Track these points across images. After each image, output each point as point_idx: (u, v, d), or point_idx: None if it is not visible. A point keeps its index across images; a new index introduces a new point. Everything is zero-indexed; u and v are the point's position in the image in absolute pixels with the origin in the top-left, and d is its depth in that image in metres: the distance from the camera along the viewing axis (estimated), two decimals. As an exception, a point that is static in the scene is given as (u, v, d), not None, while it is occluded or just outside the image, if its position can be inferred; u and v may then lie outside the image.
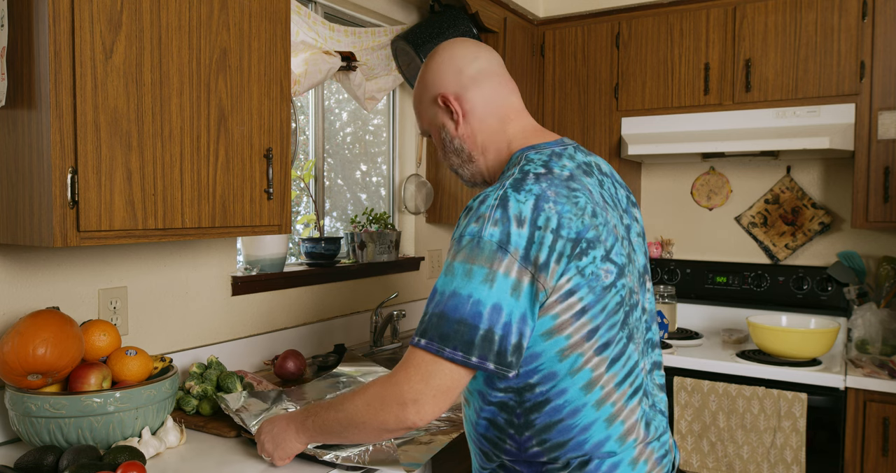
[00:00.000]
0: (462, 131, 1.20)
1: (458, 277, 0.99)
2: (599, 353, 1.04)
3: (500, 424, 1.10)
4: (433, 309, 1.01)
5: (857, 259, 2.59)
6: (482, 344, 0.97)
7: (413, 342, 1.02)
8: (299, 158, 2.33)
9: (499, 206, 1.01)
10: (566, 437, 1.05)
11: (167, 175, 1.33)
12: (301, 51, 2.04)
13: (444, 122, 1.21)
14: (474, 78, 1.19)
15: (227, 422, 1.51)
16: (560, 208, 1.01)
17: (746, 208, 2.92)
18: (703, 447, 2.33)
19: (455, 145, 1.22)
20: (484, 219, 1.01)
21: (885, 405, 2.13)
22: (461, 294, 0.98)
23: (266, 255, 2.08)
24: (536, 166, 1.08)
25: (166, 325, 1.77)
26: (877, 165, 2.35)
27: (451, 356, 0.98)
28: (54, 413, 1.25)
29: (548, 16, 2.99)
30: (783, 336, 2.30)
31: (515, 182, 1.04)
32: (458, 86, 1.19)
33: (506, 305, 0.97)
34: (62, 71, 1.14)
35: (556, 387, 1.04)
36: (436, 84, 1.21)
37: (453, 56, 1.20)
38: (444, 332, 0.98)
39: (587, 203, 1.05)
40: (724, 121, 2.59)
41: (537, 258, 0.98)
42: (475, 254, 0.99)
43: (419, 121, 1.28)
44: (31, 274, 1.47)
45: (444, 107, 1.20)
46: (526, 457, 1.08)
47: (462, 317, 0.97)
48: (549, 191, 1.02)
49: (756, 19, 2.54)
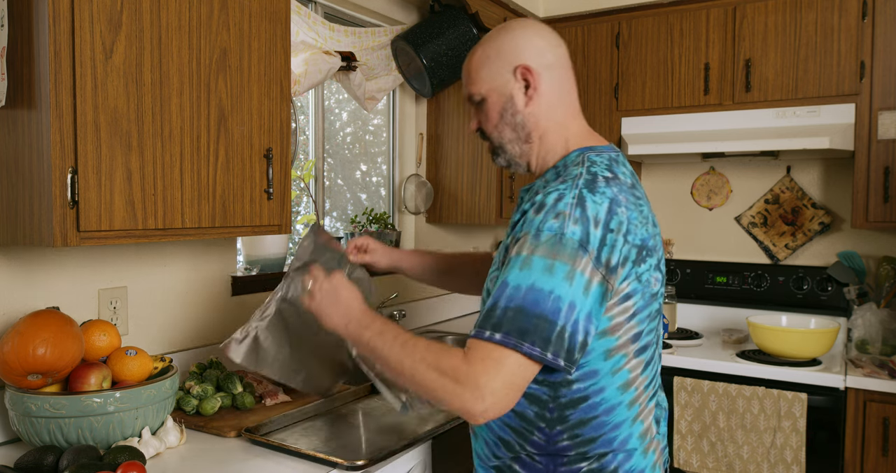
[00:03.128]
0: (531, 109, 1.18)
1: (537, 272, 0.98)
2: (638, 355, 1.09)
3: (529, 417, 1.10)
4: (507, 304, 0.98)
5: (857, 259, 2.59)
6: (557, 341, 0.96)
7: (484, 335, 0.98)
8: (299, 158, 2.33)
9: (577, 205, 1.01)
10: (598, 433, 1.08)
11: (167, 175, 1.33)
12: (301, 51, 2.04)
13: (513, 94, 1.17)
14: (552, 65, 1.17)
15: (227, 422, 1.51)
16: (629, 214, 1.04)
17: (746, 208, 2.92)
18: (703, 447, 2.33)
19: (517, 120, 1.19)
20: (564, 216, 1.00)
21: (885, 405, 2.13)
22: (542, 289, 0.97)
23: (266, 255, 2.08)
24: (602, 169, 1.09)
25: (166, 325, 1.77)
26: (877, 165, 2.35)
27: (528, 351, 0.95)
28: (54, 413, 1.25)
29: (548, 16, 2.99)
30: (783, 336, 2.30)
31: (588, 183, 1.05)
32: (539, 65, 1.16)
33: (578, 303, 0.98)
34: (62, 71, 1.14)
35: (596, 385, 1.07)
36: (517, 53, 1.16)
37: (539, 34, 1.18)
38: (523, 327, 0.96)
39: (648, 212, 1.10)
40: (724, 121, 2.59)
41: (609, 260, 1.00)
42: (557, 250, 0.98)
43: (473, 85, 1.21)
44: (31, 274, 1.47)
45: (522, 79, 1.17)
46: (553, 450, 1.10)
47: (542, 312, 0.96)
48: (620, 196, 1.05)
49: (756, 19, 2.54)
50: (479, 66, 1.20)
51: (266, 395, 1.67)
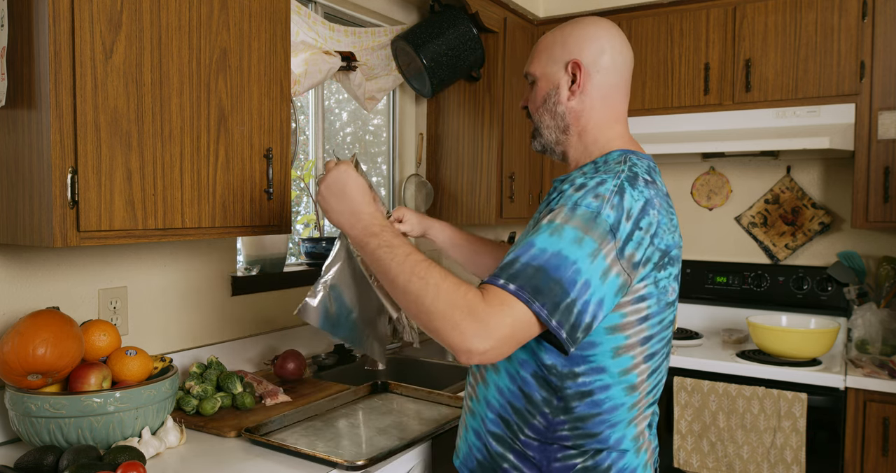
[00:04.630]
0: (573, 104, 1.20)
1: (566, 240, 0.98)
2: (646, 361, 1.11)
3: (535, 400, 1.11)
4: (529, 260, 0.97)
5: (857, 259, 2.59)
6: (565, 311, 0.97)
7: (498, 282, 0.97)
8: (299, 158, 2.33)
9: (617, 193, 1.03)
10: (598, 430, 1.10)
11: (167, 175, 1.33)
12: (301, 51, 2.04)
13: (559, 85, 1.20)
14: (609, 68, 1.19)
15: (227, 422, 1.51)
16: (661, 218, 1.06)
17: (746, 208, 2.92)
18: (703, 447, 2.33)
19: (558, 110, 1.21)
20: (604, 199, 1.02)
21: (885, 405, 2.13)
22: (567, 256, 0.97)
23: (266, 255, 2.08)
24: (643, 172, 1.10)
25: (166, 325, 1.77)
26: (877, 165, 2.35)
27: (538, 310, 0.95)
28: (54, 413, 1.25)
29: (548, 16, 2.98)
30: (783, 336, 2.30)
31: (629, 179, 1.06)
32: (593, 64, 1.18)
33: (593, 284, 0.98)
34: (62, 71, 1.14)
35: (601, 382, 1.08)
36: (576, 48, 1.19)
37: (608, 36, 1.19)
38: (538, 286, 0.96)
39: (677, 223, 1.12)
40: (724, 121, 2.59)
41: (632, 255, 1.02)
42: (591, 226, 0.99)
43: (532, 65, 1.25)
44: (31, 274, 1.47)
45: (571, 73, 1.19)
46: (551, 439, 1.11)
47: (560, 278, 0.96)
48: (655, 200, 1.06)
49: (756, 19, 2.54)
50: (543, 48, 1.24)
51: (266, 395, 1.67)
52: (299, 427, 1.53)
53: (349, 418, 1.61)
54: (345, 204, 1.15)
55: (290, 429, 1.52)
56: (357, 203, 1.14)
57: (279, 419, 1.53)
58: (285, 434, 1.48)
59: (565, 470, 1.10)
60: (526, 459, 1.13)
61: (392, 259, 1.04)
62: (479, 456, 1.20)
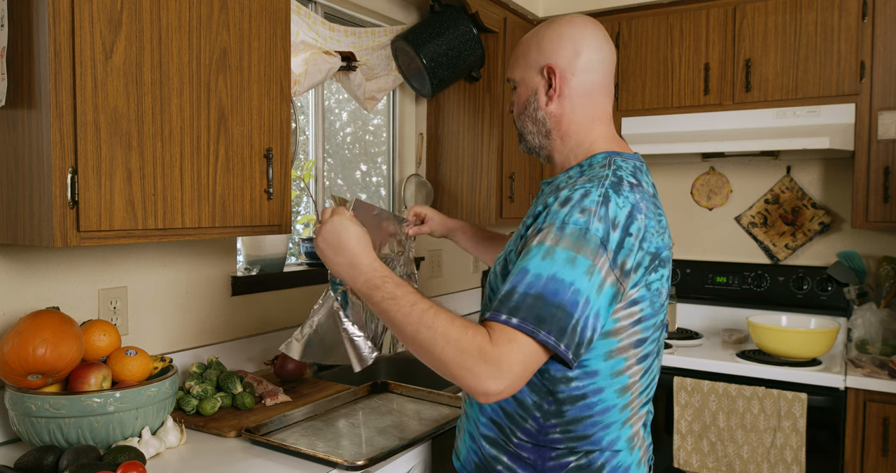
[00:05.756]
0: (552, 109, 1.19)
1: (559, 262, 0.98)
2: (639, 363, 1.11)
3: (527, 404, 1.11)
4: (527, 290, 0.97)
5: (857, 259, 2.59)
6: (571, 333, 0.97)
7: (500, 318, 0.97)
8: (299, 158, 2.33)
9: (602, 204, 1.02)
10: (590, 432, 1.10)
11: (167, 175, 1.33)
12: (301, 51, 2.04)
13: (537, 90, 1.20)
14: (587, 68, 1.17)
15: (227, 422, 1.51)
16: (648, 222, 1.05)
17: (746, 208, 2.92)
18: (702, 447, 2.33)
19: (538, 116, 1.21)
20: (590, 212, 1.01)
21: (885, 405, 2.13)
22: (563, 279, 0.97)
23: (266, 255, 2.08)
24: (628, 174, 1.10)
25: (166, 325, 1.77)
26: (877, 165, 2.35)
27: (544, 339, 0.95)
28: (54, 413, 1.25)
29: (548, 16, 2.98)
30: (783, 336, 2.30)
31: (613, 185, 1.05)
32: (568, 67, 1.17)
33: (593, 299, 0.98)
34: (62, 71, 1.14)
35: (594, 385, 1.08)
36: (549, 52, 1.18)
37: (582, 35, 1.17)
38: (541, 315, 0.96)
39: (666, 224, 1.11)
40: (724, 121, 2.59)
41: (624, 263, 1.01)
42: (581, 245, 0.99)
43: (512, 69, 1.25)
44: (31, 274, 1.47)
45: (546, 78, 1.18)
46: (543, 441, 1.11)
47: (561, 302, 0.96)
48: (641, 203, 1.06)
49: (756, 19, 2.54)
50: (520, 53, 1.23)
51: (266, 395, 1.67)
52: (299, 427, 1.53)
53: (349, 418, 1.61)
54: (343, 256, 1.13)
55: (290, 429, 1.52)
56: (355, 255, 1.12)
57: (279, 419, 1.53)
58: (285, 434, 1.48)
59: (559, 469, 1.11)
60: (520, 460, 1.13)
61: (398, 310, 1.04)
62: (475, 459, 1.20)
